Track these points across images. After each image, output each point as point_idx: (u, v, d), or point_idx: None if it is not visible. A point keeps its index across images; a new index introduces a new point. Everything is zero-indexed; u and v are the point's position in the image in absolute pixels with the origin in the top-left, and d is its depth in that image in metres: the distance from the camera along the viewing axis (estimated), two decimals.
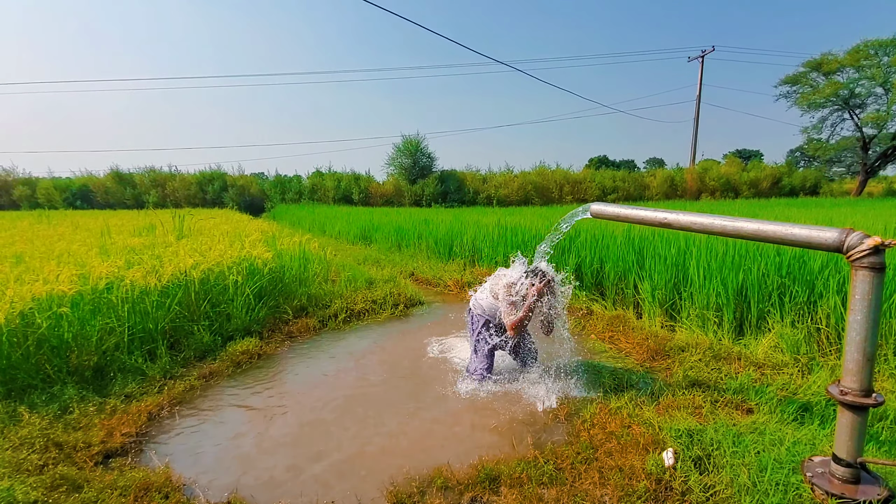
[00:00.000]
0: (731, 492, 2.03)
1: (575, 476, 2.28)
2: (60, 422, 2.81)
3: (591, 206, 2.87)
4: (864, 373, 1.84)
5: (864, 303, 1.81)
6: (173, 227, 7.25)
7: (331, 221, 13.57)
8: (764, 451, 2.25)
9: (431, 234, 8.96)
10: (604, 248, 5.54)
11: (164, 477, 2.32)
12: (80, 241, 5.98)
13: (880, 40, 26.11)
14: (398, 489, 2.22)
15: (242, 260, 4.89)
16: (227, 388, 3.47)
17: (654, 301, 4.63)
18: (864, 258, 1.78)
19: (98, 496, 2.17)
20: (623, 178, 26.80)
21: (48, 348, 3.36)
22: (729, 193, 27.10)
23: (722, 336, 4.00)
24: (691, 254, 4.57)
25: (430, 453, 2.59)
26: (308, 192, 25.21)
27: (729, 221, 2.19)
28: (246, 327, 4.45)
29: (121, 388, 3.28)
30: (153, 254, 4.85)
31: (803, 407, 2.79)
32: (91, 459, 2.50)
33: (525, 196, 24.82)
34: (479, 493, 2.22)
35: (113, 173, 25.96)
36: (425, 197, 23.70)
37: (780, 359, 3.50)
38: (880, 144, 27.87)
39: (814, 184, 28.86)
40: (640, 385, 3.29)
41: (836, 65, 27.50)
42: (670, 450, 2.31)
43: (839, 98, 27.58)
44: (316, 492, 2.29)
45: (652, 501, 2.08)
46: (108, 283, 3.86)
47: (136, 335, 3.78)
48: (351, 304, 5.34)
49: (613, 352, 4.01)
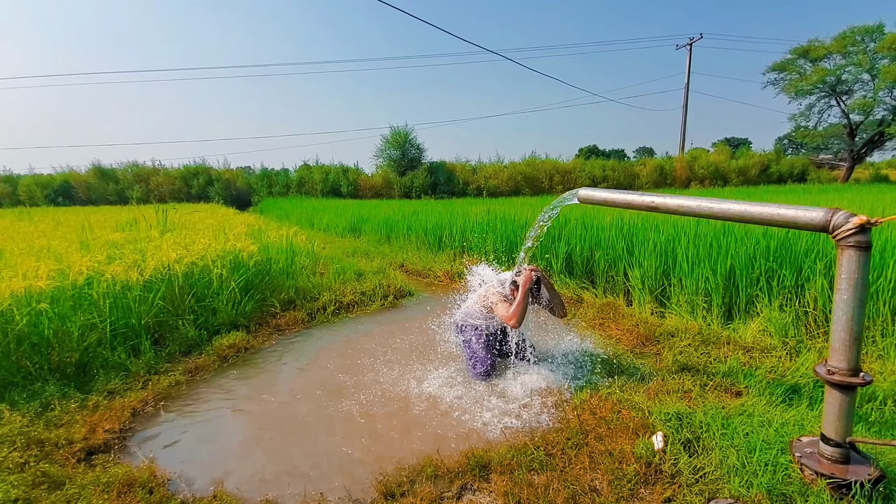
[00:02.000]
0: (720, 473, 2.03)
1: (566, 461, 2.27)
2: (41, 419, 2.75)
3: (578, 191, 2.84)
4: (852, 352, 1.84)
5: (850, 282, 1.80)
6: (157, 221, 7.12)
7: (319, 214, 13.43)
8: (753, 432, 2.26)
9: (421, 226, 8.91)
10: (594, 236, 5.53)
11: (149, 472, 2.28)
12: (61, 237, 5.85)
13: (866, 27, 26.27)
14: (388, 479, 2.20)
15: (227, 253, 4.81)
16: (214, 383, 3.42)
17: (643, 288, 4.63)
18: (850, 237, 1.77)
19: (80, 493, 2.13)
20: (613, 167, 26.83)
21: (28, 345, 3.28)
22: (718, 181, 27.26)
23: (711, 321, 4.02)
24: (680, 240, 4.57)
25: (419, 443, 2.57)
26: (296, 186, 24.90)
27: (716, 203, 2.18)
28: (232, 321, 4.39)
29: (103, 384, 3.21)
30: (135, 248, 4.75)
31: (791, 389, 2.81)
32: (73, 456, 2.44)
33: (515, 186, 24.75)
34: (470, 480, 2.20)
35: (95, 168, 25.42)
36: (415, 189, 23.52)
37: (769, 342, 3.52)
38: (867, 131, 28.15)
39: (801, 171, 29.12)
40: (631, 371, 3.29)
41: (823, 51, 27.64)
42: (660, 433, 2.31)
43: (826, 85, 27.76)
44: (304, 485, 2.26)
45: (642, 484, 2.07)
46: (88, 278, 3.77)
47: (119, 331, 3.71)
48: (340, 296, 5.29)
49: (604, 338, 4.01)
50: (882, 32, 25.78)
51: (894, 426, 2.41)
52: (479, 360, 3.34)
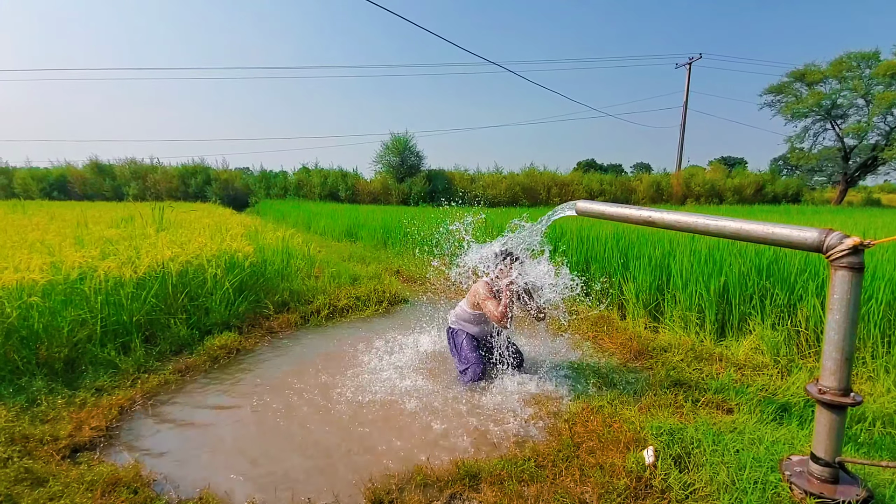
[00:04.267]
0: (710, 489, 2.03)
1: (556, 473, 2.26)
2: (27, 414, 2.71)
3: (577, 203, 2.86)
4: (843, 372, 1.85)
5: (842, 302, 1.81)
6: (153, 219, 7.09)
7: (316, 218, 13.41)
8: (743, 449, 2.26)
9: (418, 232, 8.91)
10: (590, 248, 5.55)
11: (134, 472, 2.25)
12: (56, 231, 5.81)
13: (863, 53, 26.72)
14: (376, 486, 2.18)
15: (222, 253, 4.79)
16: (203, 383, 3.39)
17: (638, 302, 4.65)
18: (843, 258, 1.79)
19: (64, 490, 2.09)
20: (610, 181, 27.01)
21: (17, 339, 3.25)
22: (713, 199, 27.47)
23: (704, 337, 4.04)
24: (674, 255, 4.60)
25: (409, 451, 2.55)
26: (294, 188, 24.86)
27: (712, 220, 2.20)
28: (225, 322, 4.36)
29: (92, 381, 3.18)
30: (130, 245, 4.73)
31: (782, 407, 2.82)
32: (58, 453, 2.41)
33: (513, 197, 24.83)
34: (459, 489, 2.19)
35: (92, 164, 25.28)
36: (413, 195, 23.54)
37: (761, 360, 3.54)
38: (860, 155, 28.51)
39: (796, 192, 29.42)
40: (623, 384, 3.29)
41: (819, 76, 28.06)
42: (651, 448, 2.31)
43: (821, 108, 28.15)
44: (291, 488, 2.23)
45: (632, 499, 2.06)
46: (80, 273, 3.74)
47: (110, 327, 3.67)
48: (334, 300, 5.27)
49: (597, 351, 4.01)
50: (878, 59, 26.23)
51: (883, 447, 2.42)
52: (470, 364, 3.33)
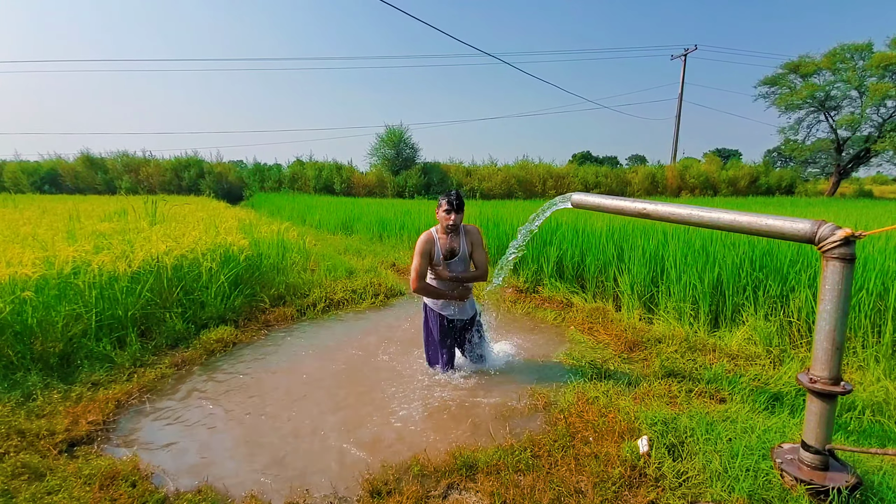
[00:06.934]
0: (703, 477, 2.06)
1: (551, 463, 2.29)
2: (23, 409, 2.71)
3: (572, 195, 2.87)
4: (833, 361, 1.88)
5: (833, 293, 1.84)
6: (146, 212, 7.04)
7: (311, 211, 13.36)
8: (735, 438, 2.29)
9: (414, 225, 8.91)
10: (585, 240, 5.57)
11: (132, 465, 2.26)
12: (47, 226, 5.76)
13: (856, 45, 26.78)
14: (374, 477, 2.20)
15: (217, 247, 4.77)
16: (200, 377, 3.39)
17: (632, 294, 4.68)
18: (835, 249, 1.81)
19: (62, 484, 2.10)
20: (606, 173, 27.04)
21: (11, 334, 3.23)
22: (708, 191, 27.58)
23: (698, 328, 4.07)
24: (668, 247, 4.63)
25: (406, 442, 2.57)
26: (288, 181, 24.72)
27: (706, 212, 2.21)
28: (220, 315, 4.35)
29: (87, 375, 3.18)
30: (124, 239, 4.69)
31: (774, 397, 2.86)
32: (55, 448, 2.41)
33: (508, 189, 24.82)
34: (456, 479, 2.21)
35: (83, 157, 24.99)
36: (408, 188, 23.48)
37: (753, 350, 3.58)
38: (853, 146, 28.68)
39: (789, 183, 29.58)
40: (618, 375, 3.32)
41: (813, 67, 28.12)
42: (645, 437, 2.34)
43: (815, 100, 28.25)
44: (289, 480, 2.25)
45: (626, 487, 2.10)
46: (74, 267, 3.72)
47: (105, 322, 3.66)
48: (330, 293, 5.27)
49: (592, 343, 4.04)
50: (871, 51, 26.31)
51: (872, 435, 2.46)
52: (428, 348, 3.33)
